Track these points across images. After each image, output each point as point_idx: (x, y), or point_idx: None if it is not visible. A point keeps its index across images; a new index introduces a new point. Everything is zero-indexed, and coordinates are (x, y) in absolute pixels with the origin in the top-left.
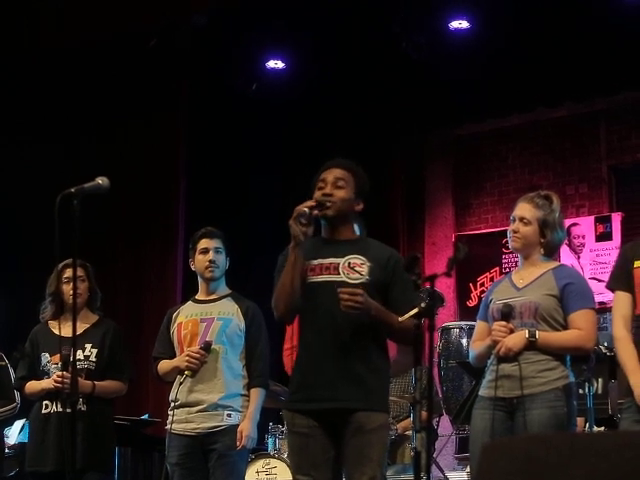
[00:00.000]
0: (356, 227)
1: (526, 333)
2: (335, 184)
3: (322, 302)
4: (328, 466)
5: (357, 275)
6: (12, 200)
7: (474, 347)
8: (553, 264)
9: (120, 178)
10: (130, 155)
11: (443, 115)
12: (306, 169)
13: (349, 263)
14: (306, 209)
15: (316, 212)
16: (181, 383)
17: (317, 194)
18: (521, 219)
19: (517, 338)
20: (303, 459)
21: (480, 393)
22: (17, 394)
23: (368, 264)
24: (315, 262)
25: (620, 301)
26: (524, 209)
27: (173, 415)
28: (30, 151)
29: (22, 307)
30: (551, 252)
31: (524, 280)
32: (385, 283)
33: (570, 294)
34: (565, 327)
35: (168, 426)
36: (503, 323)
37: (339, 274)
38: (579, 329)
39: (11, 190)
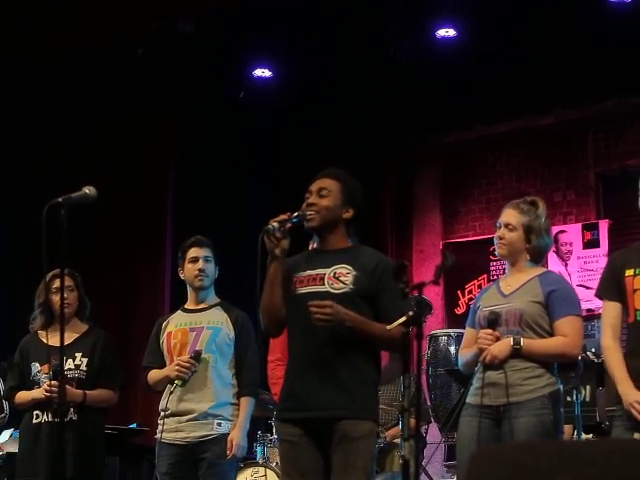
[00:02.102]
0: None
1: (511, 341)
2: (318, 193)
3: (306, 313)
4: (318, 475)
5: (341, 285)
6: (6, 205)
7: (462, 354)
8: (539, 270)
9: (110, 185)
10: (120, 163)
11: (431, 123)
12: (296, 175)
13: (334, 273)
14: (274, 224)
15: (289, 225)
16: (171, 392)
17: (303, 205)
18: (506, 225)
19: (502, 346)
20: (292, 467)
21: (467, 400)
22: (6, 404)
23: (353, 273)
24: (304, 274)
25: (609, 310)
26: (509, 215)
27: (163, 424)
28: (21, 157)
29: (17, 317)
30: (538, 258)
31: (511, 287)
32: (371, 291)
33: (555, 300)
34: (551, 334)
35: (158, 435)
36: (489, 331)
37: (324, 285)
38: (564, 336)
39: (4, 196)
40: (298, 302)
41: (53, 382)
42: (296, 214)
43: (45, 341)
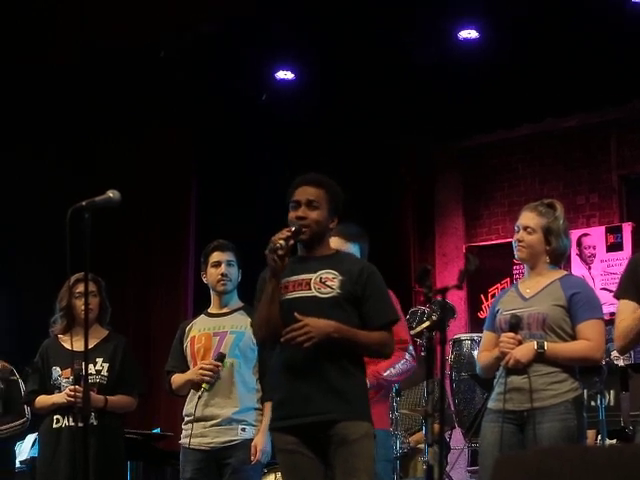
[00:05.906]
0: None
1: (535, 344)
2: (309, 205)
3: (294, 318)
4: None
5: (328, 289)
6: (25, 212)
7: (480, 358)
8: (560, 273)
9: (131, 191)
10: (140, 167)
11: (452, 126)
12: None
13: (320, 278)
14: (282, 241)
15: (292, 242)
16: (199, 397)
17: (291, 215)
18: (525, 228)
19: (526, 349)
20: (292, 476)
21: (489, 406)
22: (27, 409)
23: (340, 277)
24: (290, 279)
25: (626, 308)
26: (528, 218)
27: (192, 429)
28: (40, 163)
29: (33, 321)
30: (557, 260)
31: (531, 290)
32: (357, 296)
33: (577, 304)
34: (574, 337)
35: (183, 440)
36: (511, 334)
37: (310, 289)
38: (587, 339)
39: (24, 202)
40: (286, 308)
41: (77, 387)
42: (294, 229)
43: (66, 345)
